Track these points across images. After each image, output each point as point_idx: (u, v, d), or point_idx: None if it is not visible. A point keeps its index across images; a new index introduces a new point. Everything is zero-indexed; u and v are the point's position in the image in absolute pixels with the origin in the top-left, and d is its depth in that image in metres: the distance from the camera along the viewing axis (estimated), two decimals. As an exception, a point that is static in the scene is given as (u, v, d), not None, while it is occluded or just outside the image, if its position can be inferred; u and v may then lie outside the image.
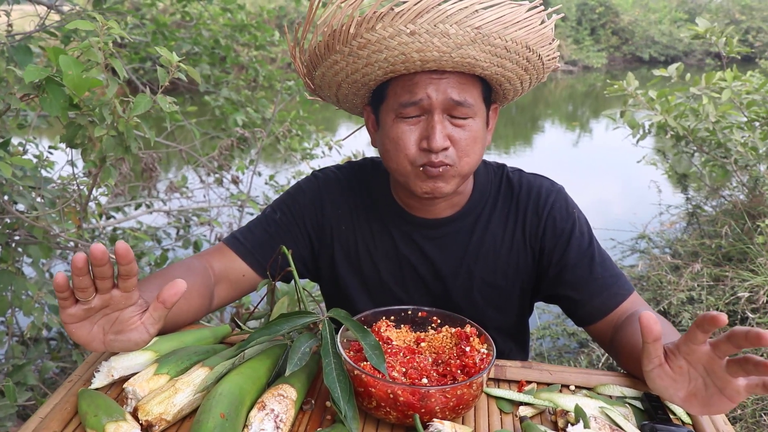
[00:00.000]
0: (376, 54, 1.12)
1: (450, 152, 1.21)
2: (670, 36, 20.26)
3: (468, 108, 1.20)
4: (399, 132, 1.22)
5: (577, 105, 14.47)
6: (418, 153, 1.22)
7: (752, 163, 3.83)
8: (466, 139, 1.22)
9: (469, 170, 1.26)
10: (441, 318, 1.19)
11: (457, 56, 1.12)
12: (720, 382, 0.92)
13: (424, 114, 1.21)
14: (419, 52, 1.11)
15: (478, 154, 1.26)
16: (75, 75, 1.45)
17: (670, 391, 0.96)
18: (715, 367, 0.92)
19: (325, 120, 9.67)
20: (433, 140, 1.18)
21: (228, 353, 1.08)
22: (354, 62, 1.16)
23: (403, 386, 0.95)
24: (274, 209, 1.43)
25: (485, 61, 1.14)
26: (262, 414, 0.94)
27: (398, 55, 1.12)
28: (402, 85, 1.20)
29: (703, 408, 0.95)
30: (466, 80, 1.20)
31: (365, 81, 1.22)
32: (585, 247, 1.34)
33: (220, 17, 4.07)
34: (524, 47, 1.15)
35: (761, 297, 3.10)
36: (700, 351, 0.93)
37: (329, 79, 1.25)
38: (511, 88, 1.28)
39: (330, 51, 1.16)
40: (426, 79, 1.18)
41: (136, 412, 0.95)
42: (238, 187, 3.96)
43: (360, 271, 1.43)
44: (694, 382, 0.95)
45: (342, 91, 1.28)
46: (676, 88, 3.85)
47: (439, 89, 1.18)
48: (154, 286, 1.14)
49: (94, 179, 1.80)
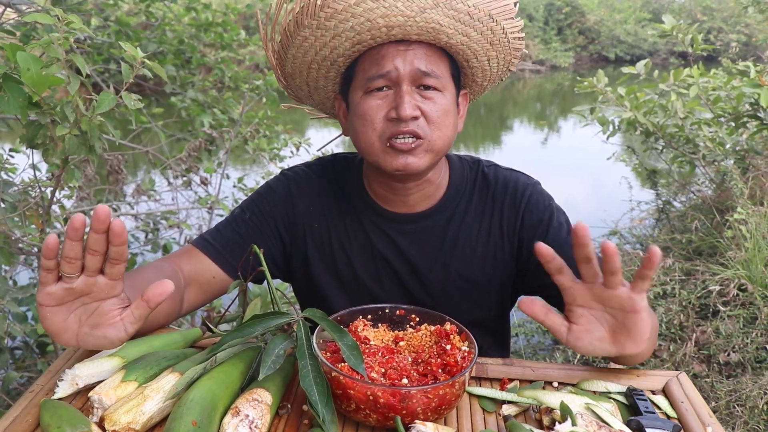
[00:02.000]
0: (343, 24, 1.13)
1: (421, 122, 1.19)
2: (635, 35, 20.57)
3: (436, 79, 1.20)
4: (367, 107, 1.21)
5: (545, 104, 14.59)
6: (386, 124, 1.20)
7: (719, 158, 3.88)
8: (436, 111, 1.20)
9: (441, 145, 1.23)
10: (420, 316, 1.16)
11: (421, 20, 1.12)
12: (614, 302, 0.98)
13: (393, 86, 1.20)
14: (384, 18, 1.11)
15: (450, 128, 1.23)
16: (34, 72, 1.40)
17: (596, 344, 1.01)
18: (601, 294, 0.99)
19: (294, 121, 9.60)
20: (401, 108, 1.17)
21: (199, 357, 1.03)
22: (322, 35, 1.16)
23: (383, 387, 0.92)
24: (243, 209, 1.40)
25: (450, 27, 1.15)
26: (236, 420, 0.90)
27: (364, 22, 1.12)
28: (369, 60, 1.20)
29: (633, 338, 0.99)
30: (432, 52, 1.20)
31: (334, 57, 1.21)
32: (564, 236, 1.33)
33: (185, 17, 4.00)
34: (487, 15, 1.15)
35: (731, 290, 3.13)
36: (578, 290, 1.00)
37: (299, 61, 1.24)
38: (479, 67, 1.27)
39: (300, 27, 1.17)
40: (393, 50, 1.18)
41: (102, 422, 0.90)
42: (206, 190, 3.89)
43: (335, 268, 1.40)
44: (605, 321, 1.01)
45: (312, 74, 1.27)
46: (645, 85, 3.89)
47: (407, 60, 1.18)
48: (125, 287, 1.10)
49: (57, 181, 1.73)
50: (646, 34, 19.75)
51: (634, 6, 22.20)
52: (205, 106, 3.91)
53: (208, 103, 3.95)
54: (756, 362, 2.76)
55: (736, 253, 3.32)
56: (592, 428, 0.92)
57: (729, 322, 2.98)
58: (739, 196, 3.53)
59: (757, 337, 2.85)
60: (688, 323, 3.08)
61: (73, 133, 1.55)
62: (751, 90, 3.29)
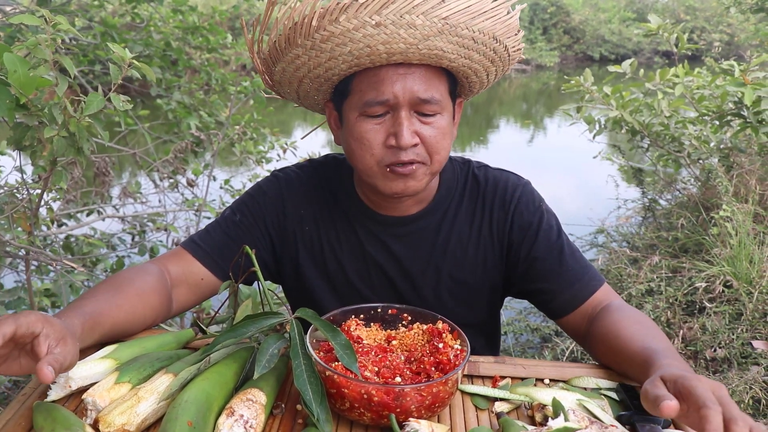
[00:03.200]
0: (340, 47, 1.09)
1: (419, 149, 1.18)
2: (620, 35, 20.72)
3: (435, 104, 1.18)
4: (363, 131, 1.19)
5: (531, 103, 14.65)
6: (385, 151, 1.19)
7: (704, 156, 3.91)
8: (435, 136, 1.19)
9: (439, 167, 1.23)
10: (411, 315, 1.16)
11: (424, 48, 1.09)
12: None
13: (390, 111, 1.18)
14: (385, 45, 1.07)
15: (446, 149, 1.23)
16: (21, 73, 1.38)
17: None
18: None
19: (280, 123, 9.58)
20: (401, 137, 1.15)
21: (192, 358, 1.03)
22: (317, 56, 1.12)
23: (377, 386, 0.92)
24: (233, 211, 1.39)
25: (452, 53, 1.12)
26: (231, 420, 0.90)
27: (363, 48, 1.08)
28: (367, 81, 1.16)
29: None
30: (432, 74, 1.17)
31: (328, 76, 1.18)
32: (554, 240, 1.33)
33: (171, 19, 3.98)
34: (491, 38, 1.12)
35: (717, 287, 3.16)
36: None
37: (290, 74, 1.20)
38: (477, 81, 1.26)
39: (291, 45, 1.12)
40: (392, 74, 1.14)
41: (96, 424, 0.90)
42: (193, 192, 3.88)
43: (325, 271, 1.40)
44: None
45: (303, 87, 1.24)
46: (631, 84, 3.92)
47: (406, 86, 1.14)
48: (102, 297, 1.12)
49: (45, 182, 1.72)
50: (631, 33, 19.91)
51: (618, 6, 22.36)
52: (191, 108, 3.89)
53: (194, 106, 3.93)
54: (741, 357, 2.79)
55: (721, 249, 3.35)
56: (584, 423, 0.93)
57: (715, 318, 3.01)
58: (724, 193, 3.56)
59: (742, 332, 2.87)
60: (674, 320, 3.10)
61: (62, 134, 1.54)
62: (735, 88, 3.32)
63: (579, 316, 1.30)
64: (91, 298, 1.11)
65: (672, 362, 1.00)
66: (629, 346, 1.10)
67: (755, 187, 3.75)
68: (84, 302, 1.09)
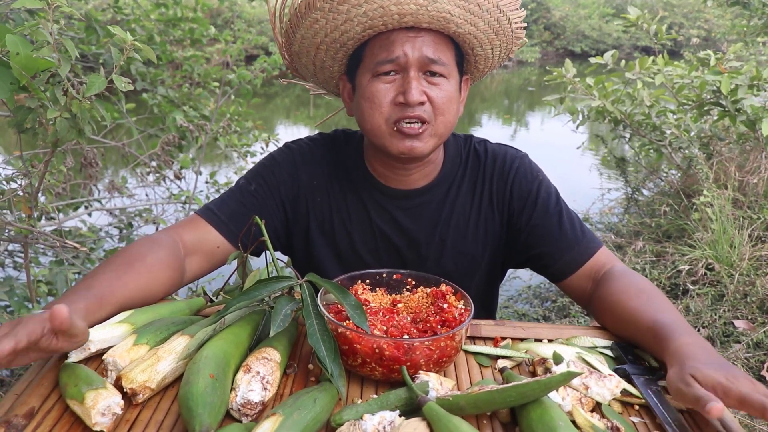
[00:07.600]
0: (356, 8, 1.16)
1: (426, 107, 1.24)
2: (600, 30, 20.89)
3: (443, 66, 1.24)
4: (375, 90, 1.25)
5: (513, 99, 14.75)
6: (393, 108, 1.24)
7: (685, 145, 4.00)
8: (442, 98, 1.25)
9: (444, 130, 1.28)
10: (415, 279, 1.21)
11: (433, 10, 1.16)
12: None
13: (401, 72, 1.24)
14: (397, 5, 1.15)
15: (453, 114, 1.29)
16: (24, 55, 1.40)
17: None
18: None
19: (263, 118, 9.56)
20: (409, 93, 1.21)
21: (207, 322, 1.06)
22: (334, 19, 1.19)
23: (388, 340, 0.97)
24: (248, 180, 1.42)
25: (459, 17, 1.19)
26: (249, 376, 0.93)
27: (377, 8, 1.16)
28: (379, 45, 1.24)
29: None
30: (440, 40, 1.24)
31: (344, 40, 1.24)
32: (552, 206, 1.39)
33: (153, 13, 3.98)
34: (495, 6, 1.20)
35: (700, 269, 3.25)
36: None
37: (308, 41, 1.27)
38: (483, 54, 1.32)
39: (311, 9, 1.20)
40: (402, 36, 1.22)
41: (119, 381, 0.93)
42: (179, 186, 3.89)
43: (334, 242, 1.44)
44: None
45: (320, 55, 1.30)
46: (613, 74, 3.99)
47: (415, 47, 1.22)
48: (111, 275, 1.12)
49: (45, 165, 1.74)
50: (610, 29, 20.08)
51: (598, 2, 22.54)
52: (176, 102, 3.91)
53: (180, 100, 3.94)
54: (724, 336, 2.87)
55: (703, 234, 3.44)
56: (584, 372, 0.98)
57: (698, 299, 3.09)
58: (705, 180, 3.65)
59: (724, 313, 2.96)
60: (659, 302, 3.17)
61: (64, 116, 1.56)
62: (713, 78, 3.41)
63: (582, 278, 1.34)
64: (99, 276, 1.11)
65: (688, 339, 1.00)
66: (638, 319, 1.11)
67: (734, 174, 3.85)
68: (91, 281, 1.09)
